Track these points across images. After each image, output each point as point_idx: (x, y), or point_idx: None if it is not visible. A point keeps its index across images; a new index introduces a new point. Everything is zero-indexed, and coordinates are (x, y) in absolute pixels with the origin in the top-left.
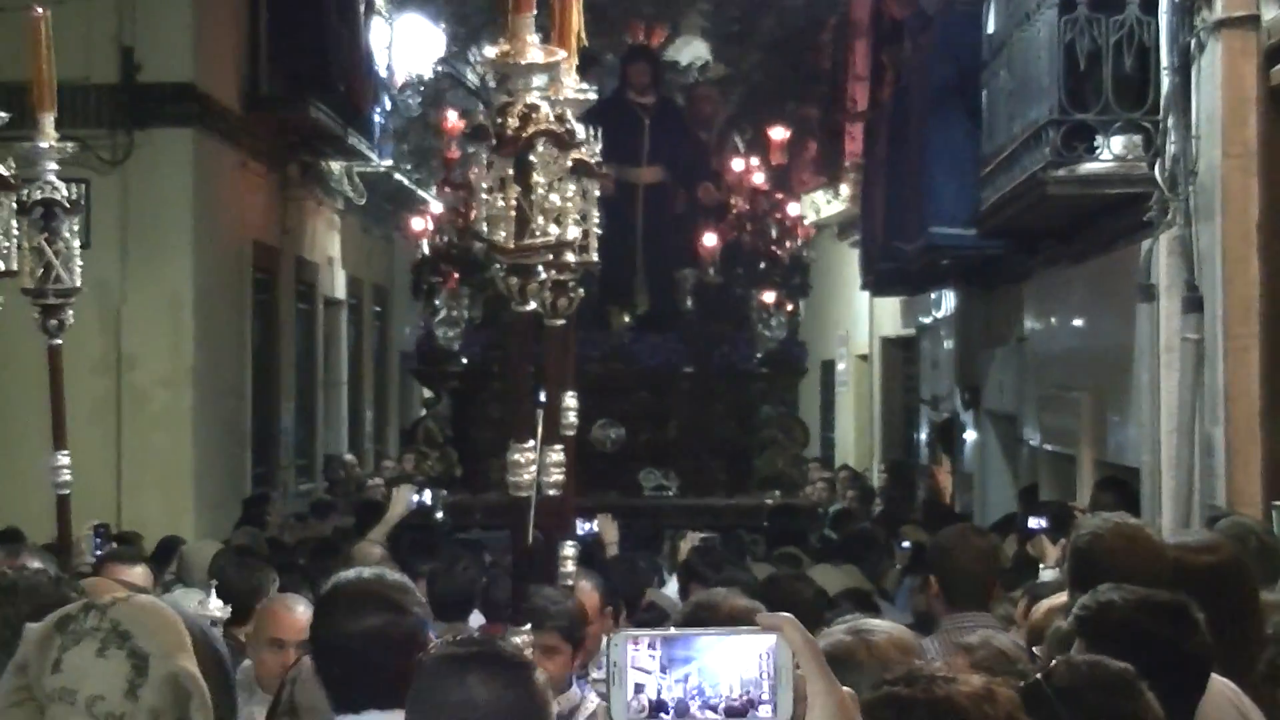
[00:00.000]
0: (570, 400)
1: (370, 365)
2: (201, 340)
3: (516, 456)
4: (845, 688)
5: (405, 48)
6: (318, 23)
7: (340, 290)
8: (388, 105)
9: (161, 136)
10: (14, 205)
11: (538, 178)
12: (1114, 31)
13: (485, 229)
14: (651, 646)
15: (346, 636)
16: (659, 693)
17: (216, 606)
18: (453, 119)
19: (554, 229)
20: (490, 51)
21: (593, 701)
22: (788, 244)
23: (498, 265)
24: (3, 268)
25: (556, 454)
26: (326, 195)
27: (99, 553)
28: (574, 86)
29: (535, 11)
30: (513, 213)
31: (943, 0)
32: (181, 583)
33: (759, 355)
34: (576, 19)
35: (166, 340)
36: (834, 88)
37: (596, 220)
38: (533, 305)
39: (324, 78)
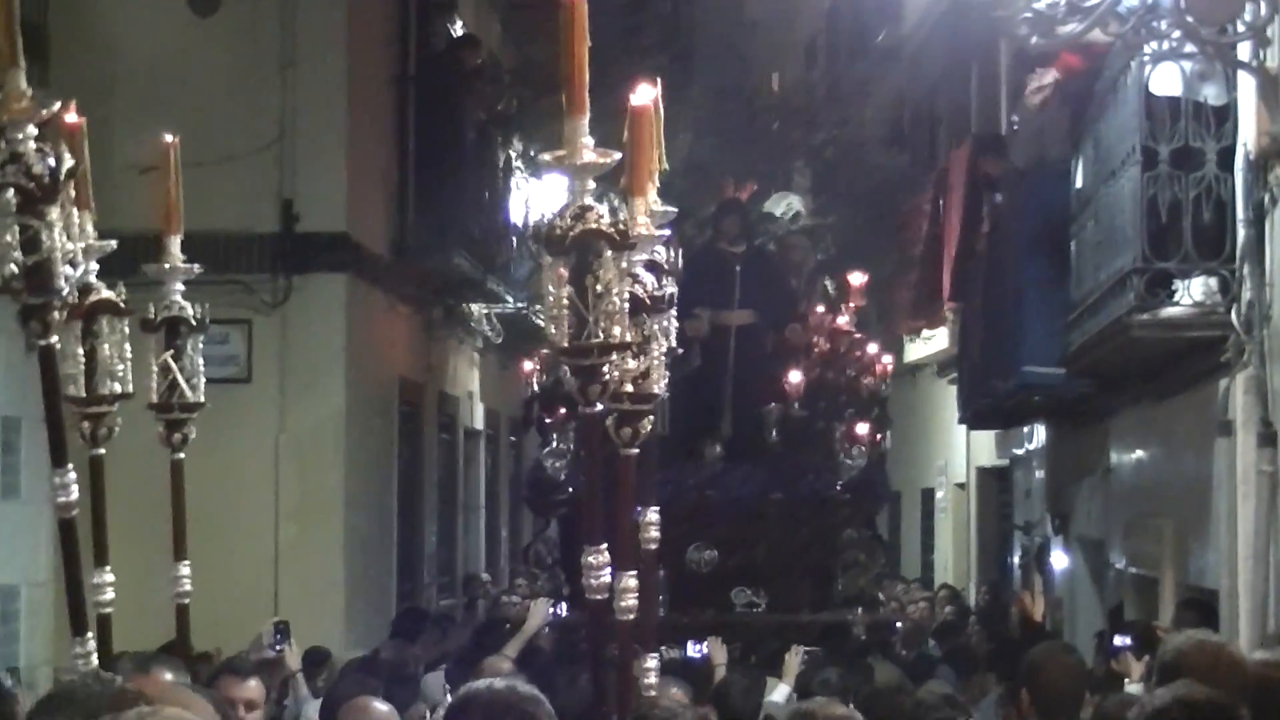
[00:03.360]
0: (653, 515)
1: (505, 490)
2: (352, 467)
3: (590, 559)
4: None
5: (540, 200)
6: (459, 179)
7: (479, 422)
8: (521, 252)
9: (318, 281)
10: (124, 330)
11: (592, 277)
12: (1193, 187)
13: (550, 328)
14: None
15: None
16: None
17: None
18: None
19: (615, 330)
20: (546, 156)
21: None
22: (867, 380)
23: (567, 368)
24: (119, 390)
25: (631, 579)
26: (467, 335)
27: (278, 648)
28: (654, 200)
29: (589, 115)
30: (566, 312)
31: (1034, 158)
32: None
33: (841, 483)
34: (655, 135)
35: (321, 467)
36: (932, 237)
37: (662, 352)
38: (600, 407)
39: (465, 228)
